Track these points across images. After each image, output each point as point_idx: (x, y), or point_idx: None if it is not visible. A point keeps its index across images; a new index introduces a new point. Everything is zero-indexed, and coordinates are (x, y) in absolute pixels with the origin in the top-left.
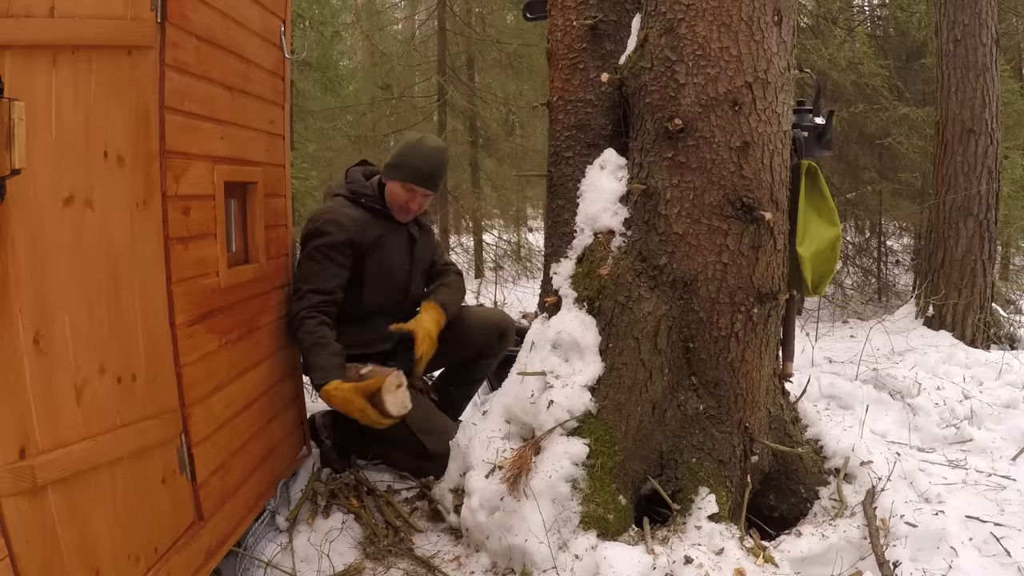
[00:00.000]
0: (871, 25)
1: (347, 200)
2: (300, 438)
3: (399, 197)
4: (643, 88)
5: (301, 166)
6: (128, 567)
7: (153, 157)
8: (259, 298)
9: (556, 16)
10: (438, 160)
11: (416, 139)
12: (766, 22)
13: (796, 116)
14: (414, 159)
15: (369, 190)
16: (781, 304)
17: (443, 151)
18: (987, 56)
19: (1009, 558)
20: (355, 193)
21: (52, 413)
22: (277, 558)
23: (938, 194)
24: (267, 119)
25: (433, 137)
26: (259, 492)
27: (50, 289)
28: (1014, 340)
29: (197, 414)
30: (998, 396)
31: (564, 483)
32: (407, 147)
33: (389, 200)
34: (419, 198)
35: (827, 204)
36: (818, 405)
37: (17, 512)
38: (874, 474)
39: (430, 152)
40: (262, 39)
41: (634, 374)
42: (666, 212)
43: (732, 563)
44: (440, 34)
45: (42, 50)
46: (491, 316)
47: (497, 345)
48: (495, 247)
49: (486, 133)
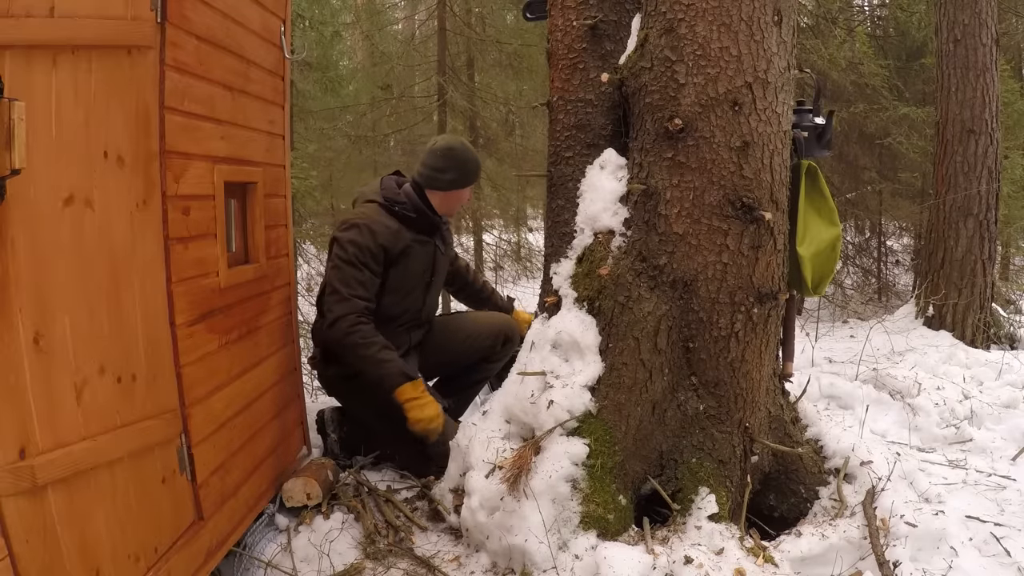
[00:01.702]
0: (871, 25)
1: (381, 208)
2: (300, 438)
3: (462, 199)
4: (643, 88)
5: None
6: (128, 567)
7: (153, 157)
8: (259, 298)
9: (556, 16)
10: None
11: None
12: (766, 22)
13: (796, 116)
14: (467, 163)
15: (403, 198)
16: (781, 304)
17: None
18: (987, 56)
19: (1009, 558)
20: (389, 201)
21: (52, 413)
22: (277, 558)
23: (938, 194)
24: (267, 119)
25: (454, 136)
26: (259, 492)
27: (50, 289)
28: (1014, 340)
29: (197, 414)
30: (998, 396)
31: (564, 483)
32: (451, 154)
33: (447, 207)
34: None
35: (827, 204)
36: (818, 405)
37: (17, 512)
38: (874, 474)
39: (466, 150)
40: (262, 39)
41: (634, 374)
42: (666, 212)
43: (732, 563)
44: (440, 34)
45: (42, 50)
46: (498, 321)
47: (501, 351)
48: (495, 247)
49: (486, 133)
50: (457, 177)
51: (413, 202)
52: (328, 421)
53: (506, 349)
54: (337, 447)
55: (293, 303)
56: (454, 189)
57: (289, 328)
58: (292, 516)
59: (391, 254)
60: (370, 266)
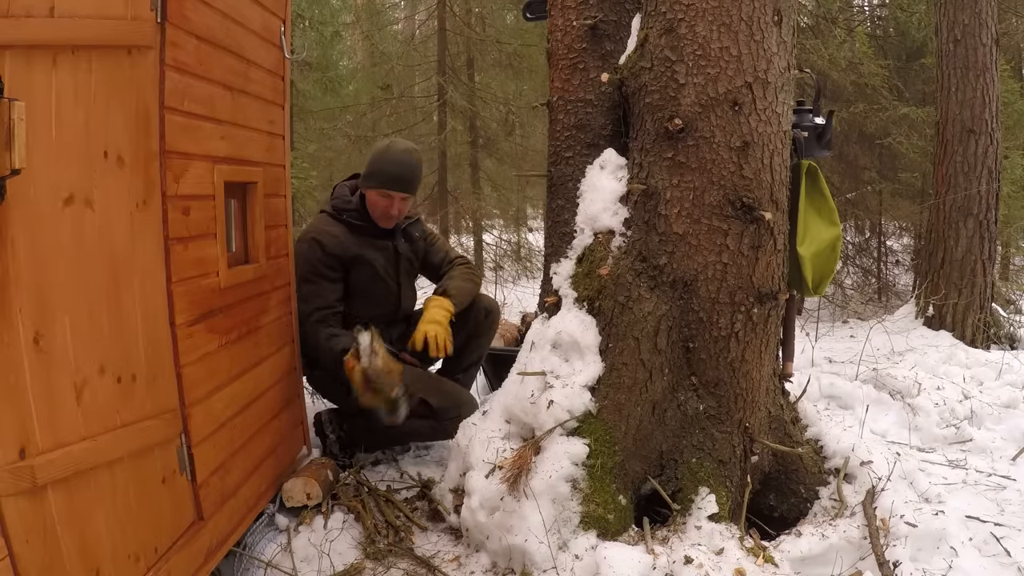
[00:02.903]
0: (871, 25)
1: (329, 217)
2: (300, 438)
3: (378, 205)
4: (643, 88)
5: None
6: (128, 567)
7: (153, 157)
8: (259, 298)
9: (556, 16)
10: (408, 162)
11: (385, 145)
12: (766, 22)
13: (796, 116)
14: (386, 165)
15: (352, 205)
16: (781, 304)
17: (412, 152)
18: (987, 56)
19: (1009, 558)
20: (337, 209)
21: (52, 413)
22: (277, 558)
23: (938, 194)
24: (267, 119)
25: (402, 141)
26: (259, 492)
27: (50, 289)
28: (1014, 340)
29: (197, 414)
30: (998, 396)
31: (564, 483)
32: (377, 155)
33: (370, 209)
34: (397, 203)
35: (827, 204)
36: (818, 405)
37: (17, 512)
38: (874, 474)
39: (399, 156)
40: (262, 39)
41: (634, 374)
42: (666, 212)
43: (732, 563)
44: (440, 34)
45: (42, 50)
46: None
47: (484, 322)
48: (495, 247)
49: (486, 133)
50: (370, 176)
51: (359, 208)
52: (326, 422)
53: (488, 321)
54: (336, 447)
55: (293, 303)
56: (368, 188)
57: (289, 328)
58: (292, 516)
59: (343, 259)
60: (325, 274)
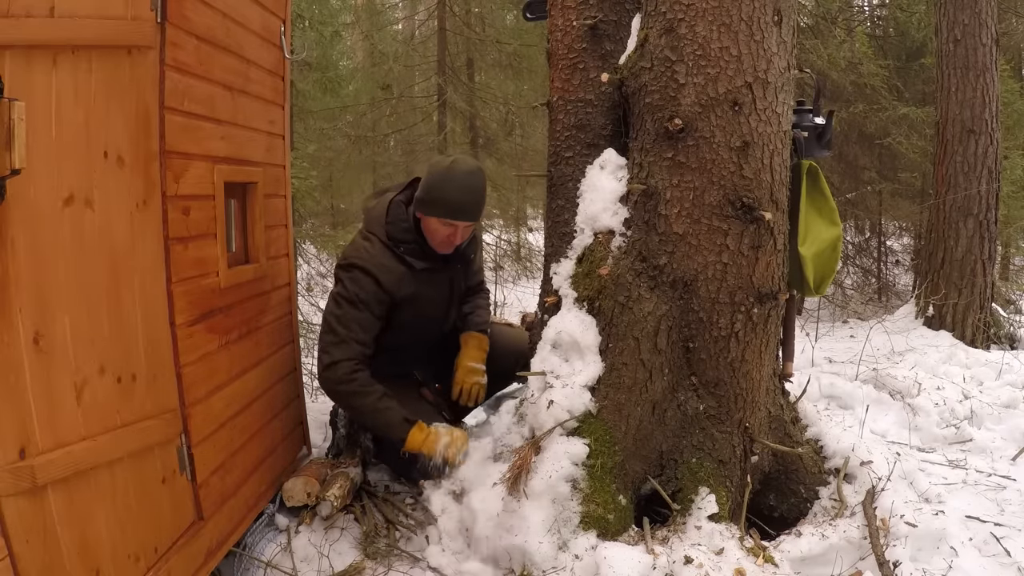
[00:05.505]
0: (871, 25)
1: (384, 247)
2: (300, 438)
3: (438, 233)
4: (643, 88)
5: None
6: (128, 567)
7: (153, 157)
8: (259, 298)
9: (556, 16)
10: (475, 186)
11: (446, 165)
12: (766, 22)
13: (796, 116)
14: (450, 192)
15: (411, 236)
16: (781, 304)
17: (477, 174)
18: (987, 56)
19: (1009, 558)
20: (393, 240)
21: (52, 413)
22: (277, 558)
23: (938, 194)
24: (267, 119)
25: (464, 159)
26: (259, 492)
27: (50, 289)
28: (1014, 340)
29: (197, 414)
30: (998, 396)
31: (564, 483)
32: (438, 177)
33: (429, 236)
34: (461, 231)
35: (828, 204)
36: (818, 405)
37: (17, 512)
38: (874, 474)
39: (464, 179)
40: (262, 39)
41: (634, 374)
42: (666, 212)
43: (732, 563)
44: (440, 34)
45: (42, 50)
46: (518, 342)
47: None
48: (495, 247)
49: (486, 133)
50: (432, 203)
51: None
52: (341, 415)
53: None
54: (344, 442)
55: (293, 303)
56: (426, 216)
57: (289, 328)
58: (292, 516)
59: (395, 298)
60: (372, 309)
